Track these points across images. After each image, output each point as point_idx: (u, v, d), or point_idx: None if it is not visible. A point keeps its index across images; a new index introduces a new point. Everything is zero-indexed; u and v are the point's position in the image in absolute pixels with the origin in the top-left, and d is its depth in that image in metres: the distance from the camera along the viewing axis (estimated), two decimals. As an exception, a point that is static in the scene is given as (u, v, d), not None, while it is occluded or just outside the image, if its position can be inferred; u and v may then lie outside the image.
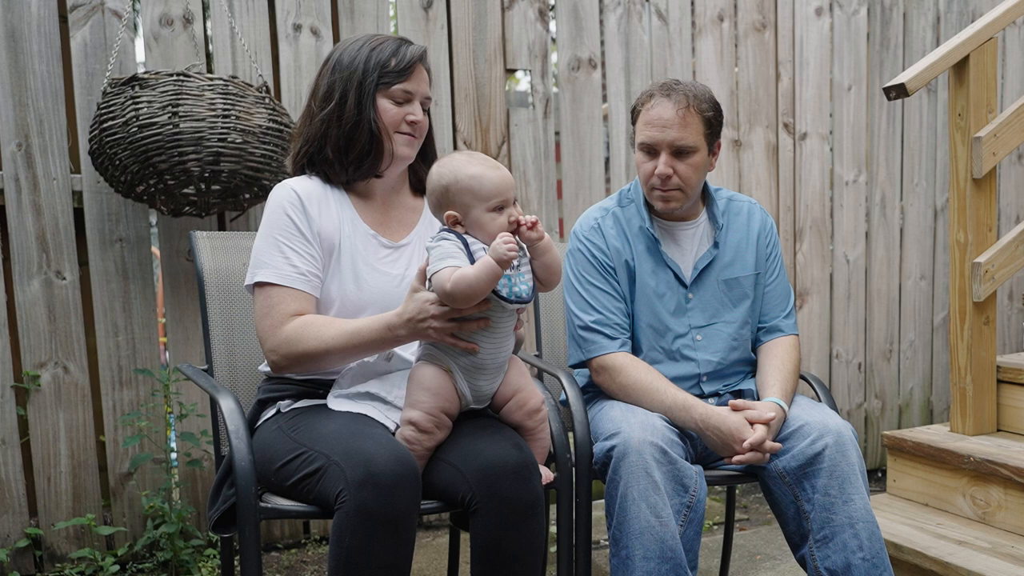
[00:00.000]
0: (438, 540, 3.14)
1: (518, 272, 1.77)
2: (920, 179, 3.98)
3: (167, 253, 2.86)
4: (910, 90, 2.64)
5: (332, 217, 1.91)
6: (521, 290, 1.77)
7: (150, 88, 2.45)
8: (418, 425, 1.75)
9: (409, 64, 1.91)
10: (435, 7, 3.13)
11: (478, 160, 1.77)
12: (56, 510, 2.76)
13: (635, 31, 3.44)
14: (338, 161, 1.92)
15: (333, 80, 1.91)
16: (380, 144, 1.92)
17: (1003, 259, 2.79)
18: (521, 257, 1.79)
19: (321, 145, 1.92)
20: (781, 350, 2.25)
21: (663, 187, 2.15)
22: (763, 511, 3.48)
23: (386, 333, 1.77)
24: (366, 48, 1.91)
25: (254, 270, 1.88)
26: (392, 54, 1.90)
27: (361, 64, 1.89)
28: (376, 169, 1.95)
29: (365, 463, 1.60)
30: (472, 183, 1.74)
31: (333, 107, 1.90)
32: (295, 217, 1.87)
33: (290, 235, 1.87)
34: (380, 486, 1.58)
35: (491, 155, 3.21)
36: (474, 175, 1.75)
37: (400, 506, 1.59)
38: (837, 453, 1.96)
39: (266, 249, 1.88)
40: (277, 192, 1.92)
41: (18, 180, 2.66)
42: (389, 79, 1.90)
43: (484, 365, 1.80)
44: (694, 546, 1.93)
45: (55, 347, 2.73)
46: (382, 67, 1.89)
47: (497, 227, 1.74)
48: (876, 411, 3.99)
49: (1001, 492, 2.58)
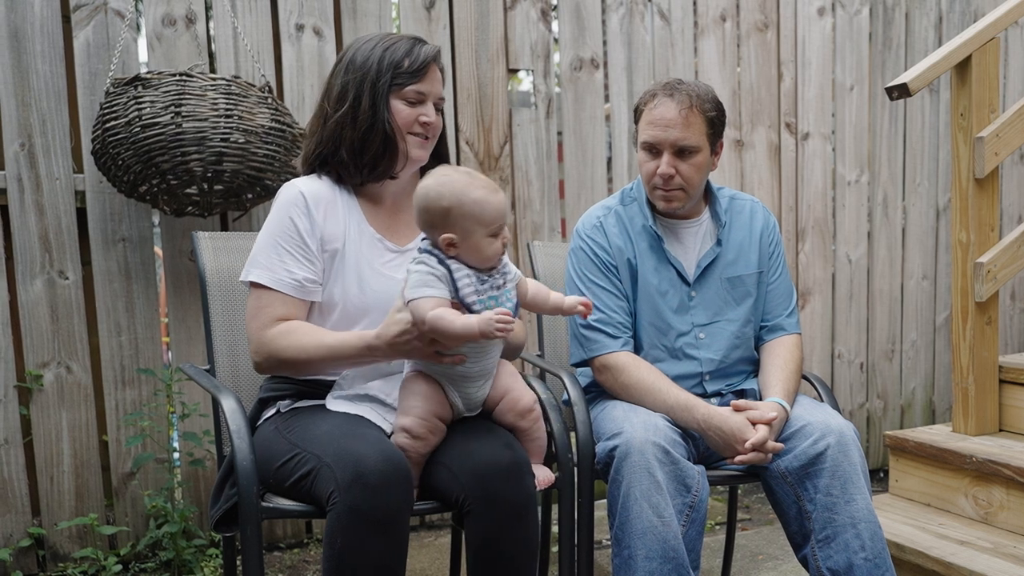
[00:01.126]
0: (440, 540, 3.14)
1: (504, 290, 1.76)
2: (922, 179, 3.98)
3: (169, 253, 2.86)
4: (912, 90, 2.64)
5: (339, 220, 1.90)
6: (510, 309, 1.75)
7: (153, 88, 2.45)
8: (411, 431, 1.74)
9: (423, 65, 1.89)
10: (438, 7, 3.13)
11: (479, 183, 1.73)
12: (59, 509, 2.76)
13: (637, 31, 3.44)
14: (352, 163, 1.90)
15: (347, 80, 1.88)
16: (395, 146, 1.90)
17: (1005, 259, 2.78)
18: (506, 275, 1.78)
19: (336, 146, 1.90)
20: (784, 349, 2.25)
21: (665, 187, 2.15)
22: (765, 511, 3.48)
23: (365, 352, 1.77)
24: (379, 48, 1.88)
25: (250, 267, 1.89)
26: (405, 54, 1.88)
27: (375, 64, 1.87)
28: (391, 171, 1.93)
29: (355, 463, 1.60)
30: (475, 208, 1.70)
31: (347, 108, 1.87)
32: (298, 221, 1.86)
33: (290, 239, 1.86)
34: (369, 486, 1.58)
35: (493, 155, 3.22)
36: (478, 200, 1.71)
37: (390, 506, 1.60)
38: (839, 453, 1.96)
39: (265, 249, 1.88)
40: (284, 193, 1.90)
41: (21, 180, 2.67)
42: (402, 80, 1.87)
43: (470, 374, 1.79)
44: (696, 546, 1.94)
45: (58, 347, 2.74)
46: (395, 68, 1.87)
47: (493, 252, 1.73)
48: (878, 411, 3.99)
49: (1003, 492, 2.58)
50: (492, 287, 1.75)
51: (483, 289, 1.74)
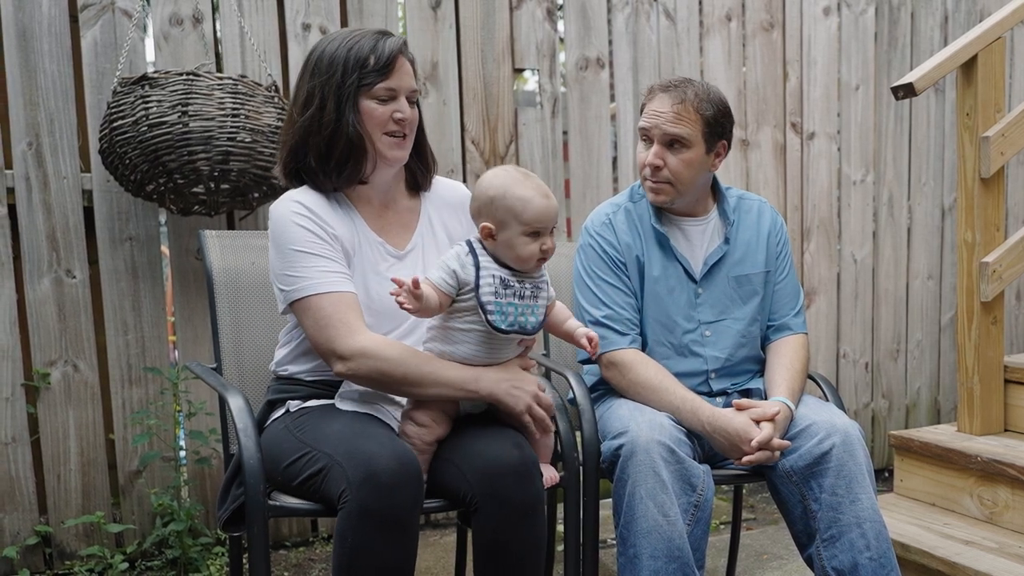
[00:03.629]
0: (445, 538, 3.15)
1: (528, 304, 1.78)
2: (928, 179, 3.97)
3: (176, 252, 2.87)
4: (918, 90, 2.64)
5: (342, 222, 1.87)
6: (528, 321, 1.78)
7: (160, 87, 2.46)
8: (416, 419, 1.76)
9: (389, 60, 1.82)
10: (443, 7, 3.13)
11: (532, 184, 1.76)
12: (66, 507, 2.77)
13: (643, 31, 3.44)
14: (320, 170, 1.85)
15: (312, 85, 1.83)
16: (361, 149, 1.84)
17: (1011, 259, 2.78)
18: (538, 290, 1.81)
19: (303, 153, 1.86)
20: (789, 349, 2.25)
21: (653, 177, 2.16)
22: (770, 510, 3.48)
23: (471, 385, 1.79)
24: (343, 48, 1.82)
25: (287, 287, 1.81)
26: (370, 51, 1.81)
27: (340, 66, 1.81)
28: (358, 175, 1.88)
29: (366, 463, 1.60)
30: (517, 204, 1.74)
31: (312, 113, 1.82)
32: (308, 225, 1.82)
33: (311, 243, 1.81)
34: (381, 486, 1.58)
35: (499, 155, 3.22)
36: (522, 197, 1.74)
37: (401, 505, 1.60)
38: (844, 453, 1.97)
39: (292, 265, 1.81)
40: (280, 208, 1.85)
41: (28, 179, 2.68)
42: (371, 79, 1.81)
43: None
44: (701, 545, 1.94)
45: (65, 345, 2.75)
46: (361, 66, 1.81)
47: (528, 252, 1.75)
48: (883, 411, 3.99)
49: (1008, 492, 2.58)
50: (515, 295, 1.76)
51: (504, 294, 1.75)
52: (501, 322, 1.74)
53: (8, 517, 2.70)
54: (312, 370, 1.92)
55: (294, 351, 1.94)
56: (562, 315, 1.91)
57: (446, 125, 3.14)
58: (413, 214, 1.99)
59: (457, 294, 1.76)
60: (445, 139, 3.14)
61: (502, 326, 1.74)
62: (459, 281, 1.74)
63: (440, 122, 3.13)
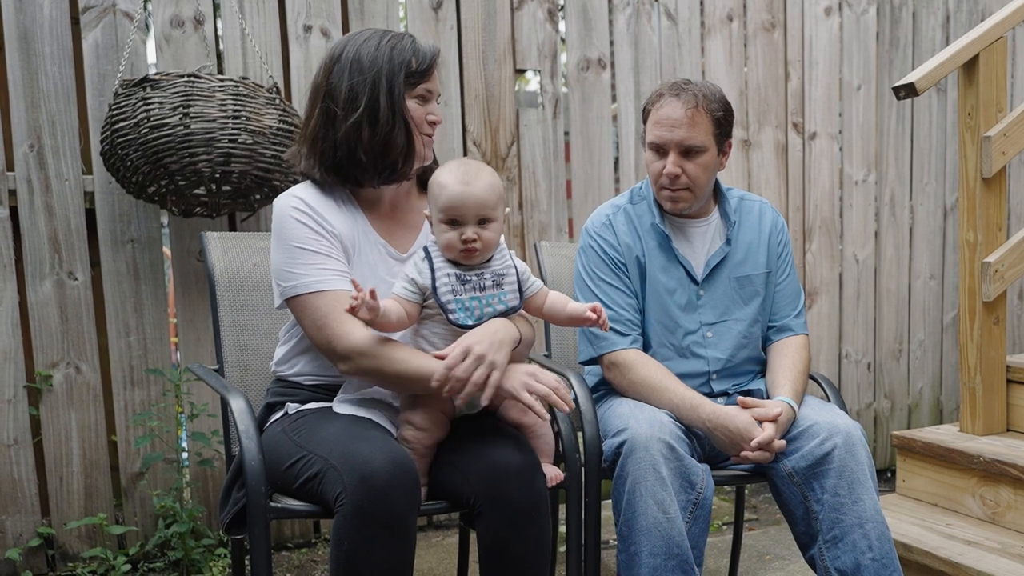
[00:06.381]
0: (448, 540, 3.15)
1: (491, 293, 1.77)
2: (929, 178, 3.97)
3: (178, 254, 2.87)
4: (919, 89, 2.64)
5: (345, 220, 1.87)
6: (495, 310, 1.77)
7: (161, 89, 2.46)
8: (414, 423, 1.76)
9: (431, 62, 1.87)
10: (445, 8, 3.14)
11: (459, 170, 1.76)
12: (68, 509, 2.78)
13: (644, 31, 3.44)
14: (372, 164, 1.85)
15: (354, 81, 1.82)
16: (413, 147, 1.87)
17: (1013, 258, 2.78)
18: (502, 277, 1.79)
19: (352, 149, 1.84)
20: (791, 349, 2.25)
21: (672, 186, 2.15)
22: (772, 511, 3.48)
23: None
24: (386, 47, 1.84)
25: (284, 283, 1.82)
26: (412, 52, 1.85)
27: (385, 64, 1.82)
28: (409, 170, 1.90)
29: (361, 466, 1.60)
30: (435, 189, 1.76)
31: (364, 110, 1.81)
32: (306, 221, 1.82)
33: (310, 239, 1.81)
34: (376, 488, 1.58)
35: (500, 155, 3.22)
36: (440, 183, 1.76)
37: (397, 508, 1.59)
38: (846, 453, 1.97)
39: (291, 261, 1.81)
40: (281, 202, 1.85)
41: (30, 181, 2.68)
42: (414, 79, 1.85)
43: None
44: (700, 543, 1.94)
45: (67, 347, 2.75)
46: (407, 67, 1.84)
47: (445, 241, 1.74)
48: (885, 411, 3.98)
49: (1011, 492, 2.58)
50: (475, 288, 1.76)
51: (462, 290, 1.74)
52: (467, 318, 1.74)
53: (10, 519, 2.71)
54: (311, 373, 1.92)
55: (293, 349, 1.94)
56: (560, 302, 1.88)
57: (448, 126, 3.14)
58: (421, 215, 2.00)
59: (424, 301, 1.76)
60: (447, 140, 3.14)
61: (468, 322, 1.74)
62: (419, 287, 1.74)
63: (442, 123, 3.12)
